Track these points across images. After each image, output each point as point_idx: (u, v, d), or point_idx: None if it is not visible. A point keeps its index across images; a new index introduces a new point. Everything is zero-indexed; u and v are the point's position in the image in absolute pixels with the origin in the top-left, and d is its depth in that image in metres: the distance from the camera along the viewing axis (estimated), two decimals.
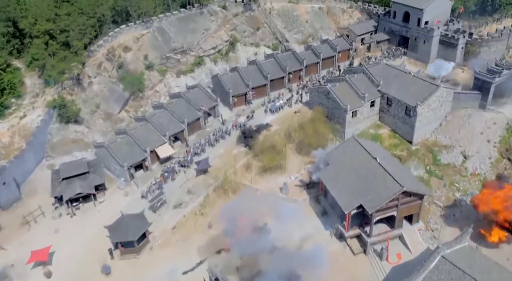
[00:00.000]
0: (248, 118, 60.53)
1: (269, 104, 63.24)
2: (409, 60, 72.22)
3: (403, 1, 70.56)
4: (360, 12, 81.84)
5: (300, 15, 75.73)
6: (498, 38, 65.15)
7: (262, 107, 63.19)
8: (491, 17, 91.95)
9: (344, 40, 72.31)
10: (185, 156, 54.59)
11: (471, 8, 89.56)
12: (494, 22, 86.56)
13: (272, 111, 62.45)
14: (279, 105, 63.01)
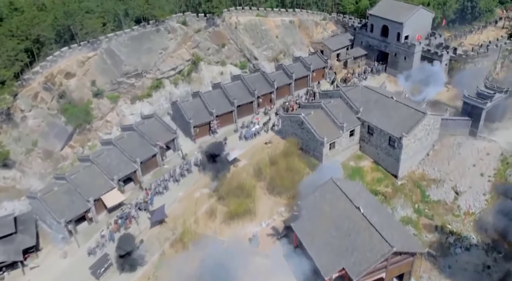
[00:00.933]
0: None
1: (243, 130, 56.42)
2: (389, 77, 66.57)
3: (380, 14, 64.85)
4: (334, 24, 75.89)
5: (269, 30, 69.02)
6: (484, 54, 60.18)
7: (235, 134, 56.33)
8: (471, 25, 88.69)
9: (319, 57, 65.98)
10: (145, 197, 47.10)
11: (450, 17, 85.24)
12: (475, 31, 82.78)
13: (247, 137, 55.58)
14: (255, 130, 56.22)
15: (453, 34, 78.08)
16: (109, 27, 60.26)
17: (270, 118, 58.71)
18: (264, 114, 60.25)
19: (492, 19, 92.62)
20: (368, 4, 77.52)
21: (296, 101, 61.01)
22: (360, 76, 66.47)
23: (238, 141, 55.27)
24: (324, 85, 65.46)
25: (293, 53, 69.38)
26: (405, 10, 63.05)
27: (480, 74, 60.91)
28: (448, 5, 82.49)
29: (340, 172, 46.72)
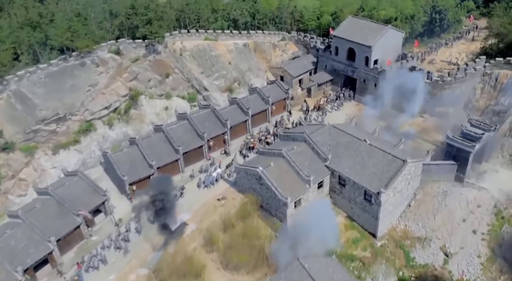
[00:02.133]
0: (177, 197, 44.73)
1: (202, 175, 47.65)
2: (358, 105, 59.30)
3: (345, 36, 57.38)
4: (295, 44, 67.93)
5: (220, 56, 60.10)
6: (462, 79, 53.81)
7: (192, 180, 47.43)
8: (440, 37, 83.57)
9: (278, 87, 57.70)
10: (77, 271, 37.53)
11: (419, 30, 79.55)
12: (446, 45, 77.46)
13: (207, 185, 46.68)
14: (216, 175, 47.45)
15: (423, 51, 72.26)
16: (23, 60, 49.60)
17: (234, 158, 50.14)
18: (226, 154, 51.63)
19: (461, 30, 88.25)
20: (331, 20, 70.34)
21: (263, 136, 52.90)
22: (334, 103, 59.33)
23: (196, 189, 46.48)
24: (295, 115, 57.74)
25: (249, 81, 60.76)
26: (372, 31, 55.87)
27: (459, 101, 54.73)
28: (416, 18, 76.71)
29: (310, 236, 38.54)
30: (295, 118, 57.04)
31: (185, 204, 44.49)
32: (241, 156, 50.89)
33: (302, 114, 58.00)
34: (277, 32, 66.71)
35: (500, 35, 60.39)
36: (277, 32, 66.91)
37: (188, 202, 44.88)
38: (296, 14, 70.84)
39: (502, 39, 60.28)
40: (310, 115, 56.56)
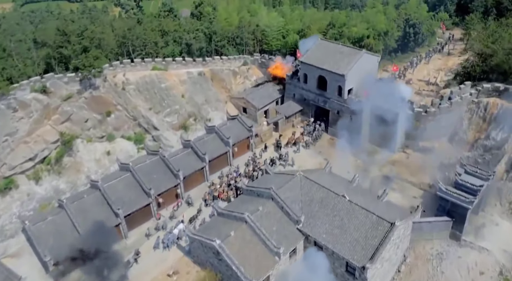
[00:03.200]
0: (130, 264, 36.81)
1: (160, 233, 40.18)
2: (332, 139, 52.47)
3: (315, 62, 50.50)
4: (259, 69, 60.66)
5: (172, 88, 51.95)
6: (447, 109, 47.83)
7: (148, 240, 39.83)
8: (414, 52, 78.64)
9: (240, 123, 50.10)
10: None
11: (392, 46, 74.10)
12: (422, 61, 72.75)
13: (167, 245, 38.70)
14: (178, 232, 39.66)
15: (400, 68, 66.87)
16: None
17: (200, 209, 42.31)
18: (188, 205, 43.76)
19: (436, 43, 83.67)
20: (298, 39, 63.48)
21: (232, 180, 45.41)
22: (311, 135, 52.67)
23: (153, 252, 38.34)
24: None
25: (207, 115, 52.89)
26: (344, 56, 49.20)
27: (444, 133, 48.76)
28: (389, 34, 71.11)
29: None
30: (271, 152, 50.27)
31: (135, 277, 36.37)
32: (206, 206, 43.19)
33: (274, 150, 51.12)
34: (238, 56, 59.16)
35: (482, 55, 55.02)
36: (238, 56, 59.36)
37: (139, 273, 36.75)
38: (259, 34, 63.67)
39: (485, 59, 54.94)
40: (286, 154, 49.24)
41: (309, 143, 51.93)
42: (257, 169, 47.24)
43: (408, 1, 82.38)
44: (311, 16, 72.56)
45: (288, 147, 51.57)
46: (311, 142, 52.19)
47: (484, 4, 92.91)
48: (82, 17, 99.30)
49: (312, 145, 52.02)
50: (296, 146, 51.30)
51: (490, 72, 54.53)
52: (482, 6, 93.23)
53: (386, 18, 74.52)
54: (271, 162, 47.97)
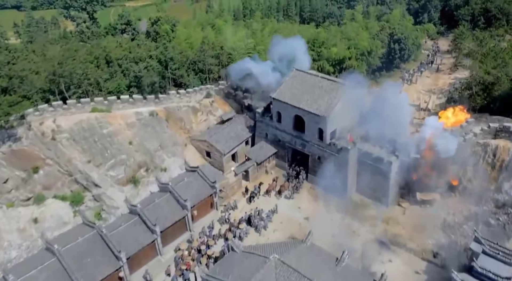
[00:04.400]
0: None
1: None
2: (313, 190, 44.32)
3: (289, 100, 42.22)
4: (224, 100, 52.19)
5: (116, 133, 42.75)
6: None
7: None
8: (399, 68, 71.73)
9: (201, 177, 41.33)
10: None
11: (376, 65, 66.82)
12: (409, 80, 66.34)
13: None
14: None
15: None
16: None
17: None
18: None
19: (423, 57, 76.93)
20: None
21: (203, 245, 37.17)
22: (294, 180, 44.99)
23: None
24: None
25: (161, 165, 43.97)
26: (325, 93, 41.06)
27: (446, 182, 41.39)
28: (373, 54, 63.67)
29: None
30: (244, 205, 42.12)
31: None
32: None
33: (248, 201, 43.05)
34: (199, 88, 50.30)
35: (483, 83, 47.91)
36: (199, 87, 50.50)
37: None
38: (224, 57, 55.00)
39: (486, 87, 47.88)
40: (261, 211, 41.03)
41: (292, 192, 43.99)
42: (234, 228, 39.17)
43: (391, 12, 75.26)
44: (285, 33, 64.37)
45: (269, 195, 43.65)
46: (290, 192, 44.09)
47: (471, 12, 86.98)
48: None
49: (294, 194, 43.99)
50: (281, 195, 43.48)
51: (493, 102, 47.66)
52: (469, 15, 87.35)
53: (369, 33, 67.14)
54: (247, 221, 39.93)
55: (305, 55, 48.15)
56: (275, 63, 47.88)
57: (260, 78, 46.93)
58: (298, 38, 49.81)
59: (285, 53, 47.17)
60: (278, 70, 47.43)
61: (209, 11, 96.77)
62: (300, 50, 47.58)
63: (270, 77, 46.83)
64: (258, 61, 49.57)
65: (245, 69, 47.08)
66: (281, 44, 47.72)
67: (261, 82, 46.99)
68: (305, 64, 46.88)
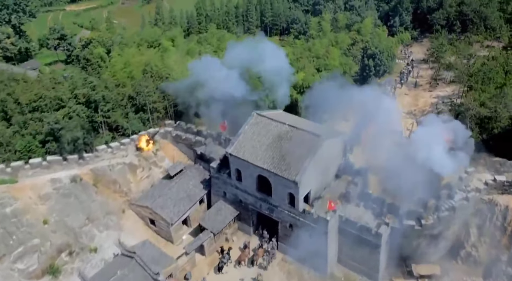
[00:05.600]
0: None
1: None
2: (284, 262, 36.10)
3: (249, 157, 33.63)
4: (174, 144, 43.17)
5: (25, 211, 32.83)
6: (450, 217, 33.11)
7: None
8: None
9: (138, 264, 32.07)
10: None
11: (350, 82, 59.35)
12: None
13: None
14: None
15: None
16: None
17: None
18: None
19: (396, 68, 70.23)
20: None
21: None
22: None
23: None
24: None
25: (90, 244, 34.52)
26: (295, 147, 32.73)
27: (446, 250, 34.32)
28: (347, 75, 56.09)
29: None
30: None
31: None
32: None
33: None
34: (137, 135, 40.89)
35: (478, 117, 41.03)
36: (137, 135, 41.05)
37: None
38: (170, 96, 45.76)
39: (481, 121, 41.07)
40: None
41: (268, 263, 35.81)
42: None
43: (362, 21, 67.84)
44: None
45: (241, 265, 35.33)
46: (264, 263, 35.87)
47: (446, 16, 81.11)
48: None
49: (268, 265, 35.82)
50: (253, 264, 35.16)
51: (490, 138, 40.97)
52: (444, 19, 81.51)
53: (339, 48, 59.57)
54: None
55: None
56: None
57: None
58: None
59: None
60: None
61: (158, 19, 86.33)
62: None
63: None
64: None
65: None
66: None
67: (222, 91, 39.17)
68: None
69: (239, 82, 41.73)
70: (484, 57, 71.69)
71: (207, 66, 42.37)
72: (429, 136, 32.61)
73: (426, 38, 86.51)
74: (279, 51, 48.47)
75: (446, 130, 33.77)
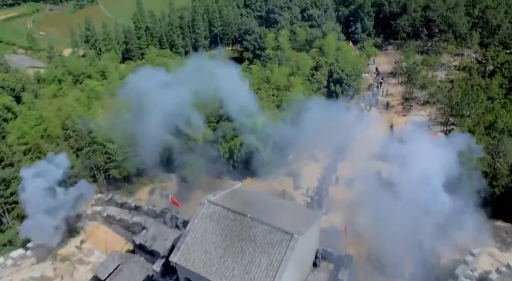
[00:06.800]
0: None
1: None
2: None
3: (202, 270, 25.62)
4: (104, 227, 34.42)
5: None
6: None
7: None
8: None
9: None
10: None
11: None
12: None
13: None
14: None
15: None
16: None
17: None
18: None
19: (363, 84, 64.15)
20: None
21: None
22: None
23: None
24: None
25: None
26: (261, 251, 25.13)
27: None
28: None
29: None
30: None
31: None
32: None
33: None
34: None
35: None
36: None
37: None
38: (100, 156, 36.79)
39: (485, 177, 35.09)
40: None
41: None
42: None
43: (324, 37, 60.74)
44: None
45: None
46: None
47: (411, 22, 75.85)
48: None
49: None
50: None
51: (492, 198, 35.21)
52: (409, 25, 76.26)
53: (302, 74, 52.50)
54: None
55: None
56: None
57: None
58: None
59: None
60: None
61: (89, 36, 75.44)
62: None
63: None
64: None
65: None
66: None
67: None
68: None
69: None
70: (455, 68, 67.83)
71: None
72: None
73: (391, 45, 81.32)
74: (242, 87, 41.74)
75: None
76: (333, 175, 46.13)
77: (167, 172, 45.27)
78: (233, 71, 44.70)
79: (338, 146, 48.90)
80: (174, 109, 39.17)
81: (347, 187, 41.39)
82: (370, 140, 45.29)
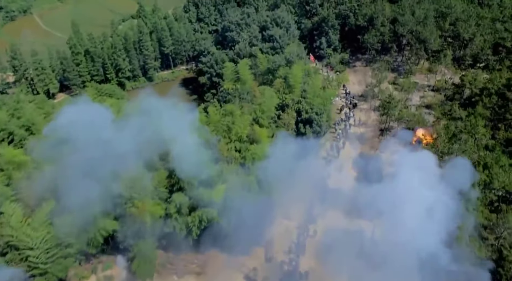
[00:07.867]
0: None
1: None
2: None
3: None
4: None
5: None
6: None
7: None
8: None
9: None
10: None
11: None
12: None
13: None
14: None
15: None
16: None
17: None
18: None
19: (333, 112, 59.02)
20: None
21: None
22: None
23: None
24: None
25: None
26: None
27: None
28: None
29: None
30: None
31: None
32: None
33: None
34: None
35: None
36: None
37: None
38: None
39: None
40: None
41: None
42: None
43: (290, 66, 54.64)
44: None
45: None
46: None
47: (380, 39, 71.09)
48: None
49: None
50: None
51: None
52: (378, 41, 71.54)
53: (266, 118, 46.66)
54: None
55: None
56: None
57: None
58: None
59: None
60: None
61: (17, 67, 65.90)
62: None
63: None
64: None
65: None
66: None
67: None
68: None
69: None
70: (429, 89, 64.12)
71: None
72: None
73: (359, 61, 76.49)
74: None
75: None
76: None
77: (112, 253, 38.49)
78: (185, 123, 38.38)
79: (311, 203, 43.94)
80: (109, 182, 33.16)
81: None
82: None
